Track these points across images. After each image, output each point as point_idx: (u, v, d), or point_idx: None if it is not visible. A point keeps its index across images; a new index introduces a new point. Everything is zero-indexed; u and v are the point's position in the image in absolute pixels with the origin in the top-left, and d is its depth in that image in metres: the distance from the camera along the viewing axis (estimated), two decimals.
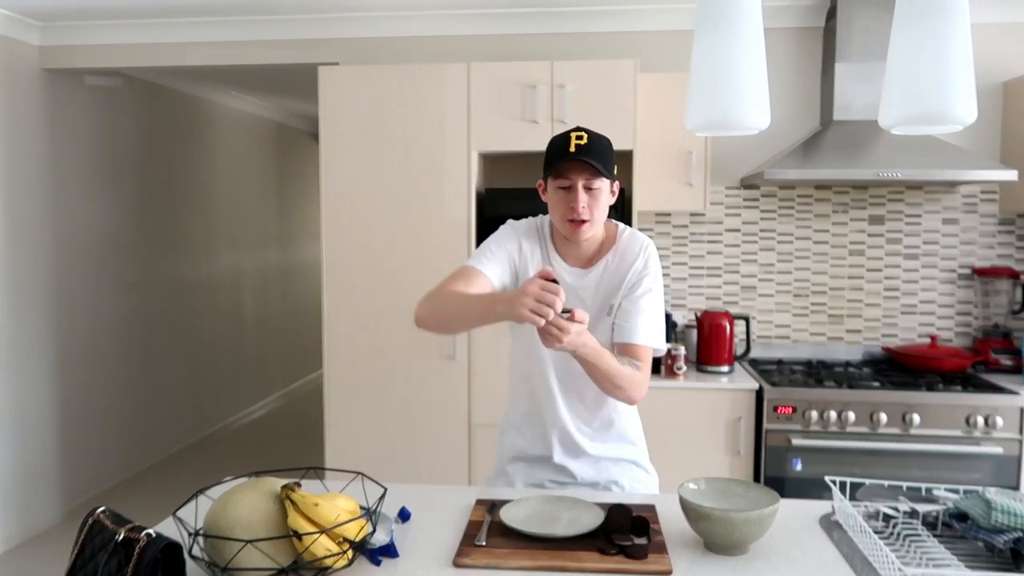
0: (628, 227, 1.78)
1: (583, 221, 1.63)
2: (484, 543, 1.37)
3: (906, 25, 1.20)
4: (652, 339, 1.68)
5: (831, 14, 3.24)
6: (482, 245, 1.74)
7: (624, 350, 1.66)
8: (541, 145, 3.04)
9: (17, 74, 3.63)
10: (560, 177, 1.62)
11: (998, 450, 2.77)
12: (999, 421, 2.77)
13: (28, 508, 3.76)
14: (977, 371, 3.16)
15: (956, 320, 3.40)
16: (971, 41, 1.20)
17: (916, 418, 2.81)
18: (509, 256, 1.72)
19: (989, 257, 3.36)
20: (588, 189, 1.62)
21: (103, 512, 1.16)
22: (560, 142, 1.63)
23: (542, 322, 1.38)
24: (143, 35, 3.63)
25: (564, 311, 1.41)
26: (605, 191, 1.65)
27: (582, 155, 1.59)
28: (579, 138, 1.61)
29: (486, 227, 3.13)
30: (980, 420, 2.78)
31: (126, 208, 4.49)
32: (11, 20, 3.51)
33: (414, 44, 3.53)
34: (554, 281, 1.41)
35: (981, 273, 3.32)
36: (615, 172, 1.69)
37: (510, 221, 1.80)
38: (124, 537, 1.09)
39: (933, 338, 3.21)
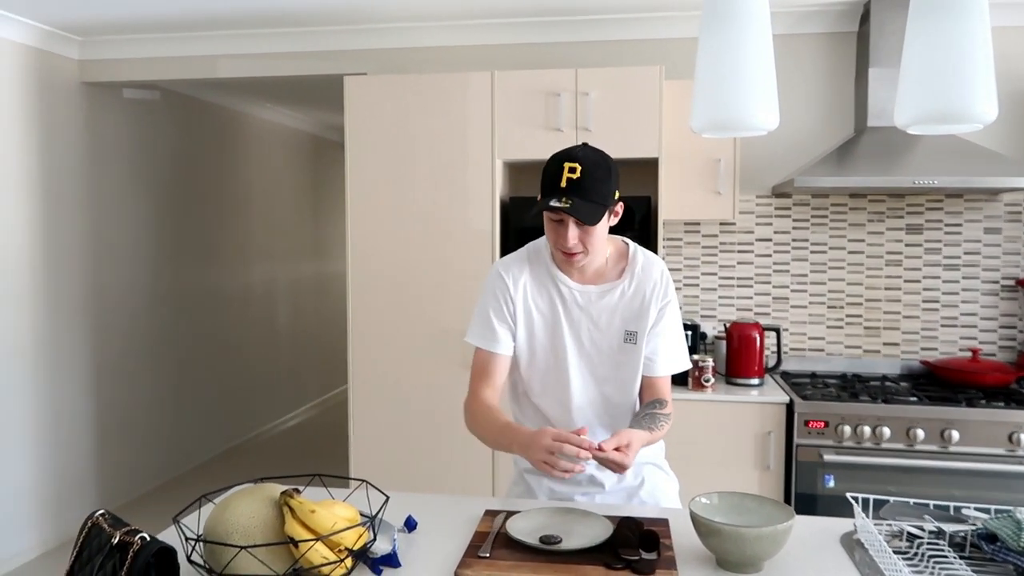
0: (639, 247, 1.72)
1: (575, 253, 1.57)
2: (488, 554, 1.34)
3: (922, 19, 1.14)
4: (679, 365, 1.71)
5: (864, 19, 3.16)
6: (478, 312, 1.70)
7: (653, 383, 1.68)
8: None
9: (57, 88, 3.74)
10: (550, 210, 1.53)
11: None
12: None
13: (65, 512, 3.83)
14: (1021, 386, 3.03)
15: (999, 333, 3.27)
16: (991, 36, 1.14)
17: (955, 435, 2.70)
18: (509, 313, 1.67)
19: None
20: (579, 224, 1.53)
21: (102, 515, 1.16)
22: (553, 171, 1.53)
23: (557, 475, 1.40)
24: (178, 48, 3.71)
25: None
26: (600, 223, 1.56)
27: (572, 194, 1.50)
28: (572, 171, 1.50)
29: (510, 237, 3.11)
30: None
31: (162, 219, 4.59)
32: (52, 35, 3.62)
33: (439, 54, 3.54)
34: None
35: None
36: (615, 196, 1.58)
37: (498, 264, 1.72)
38: (119, 540, 1.08)
39: (975, 352, 3.09)
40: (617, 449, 1.44)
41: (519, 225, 3.11)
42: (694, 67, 1.33)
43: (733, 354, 3.12)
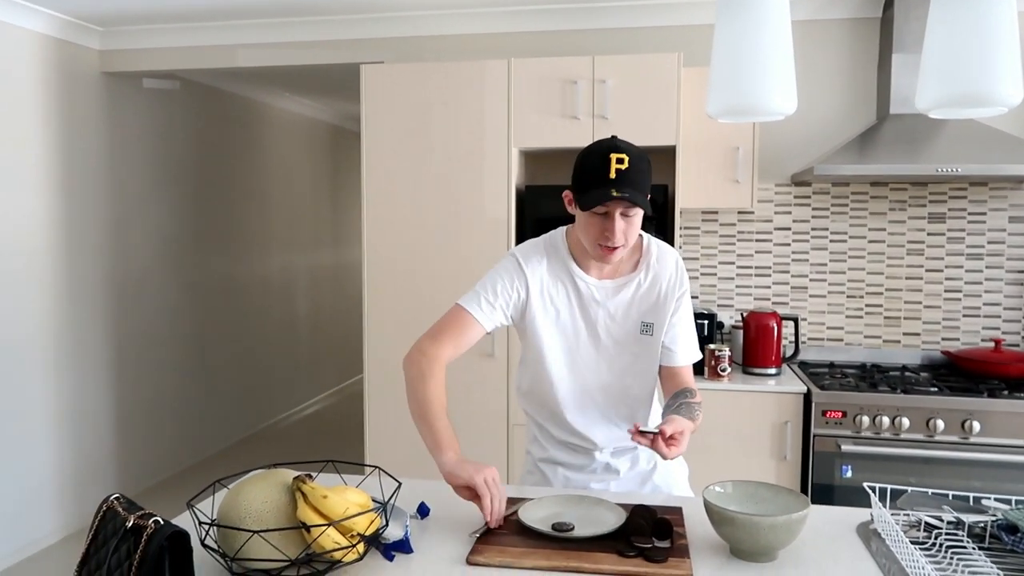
0: (652, 237, 1.70)
1: (616, 247, 1.53)
2: (498, 542, 1.33)
3: (946, 1, 1.11)
4: (696, 355, 1.72)
5: (888, 4, 3.11)
6: (485, 279, 1.64)
7: (672, 373, 1.68)
8: (582, 141, 3.03)
9: (78, 78, 3.77)
10: (609, 201, 1.48)
11: None
12: None
13: (85, 498, 3.89)
14: None
15: (1023, 324, 3.22)
16: (1016, 19, 1.11)
17: (976, 426, 2.66)
18: (509, 300, 1.62)
19: None
20: (625, 215, 1.50)
21: (117, 499, 1.17)
22: (598, 163, 1.47)
23: (478, 507, 1.38)
24: (197, 38, 3.72)
25: (651, 432, 1.43)
26: (641, 213, 1.53)
27: (623, 187, 1.45)
28: (619, 161, 1.45)
29: (526, 226, 3.10)
30: None
31: (183, 208, 4.62)
32: (72, 25, 3.65)
33: (456, 42, 3.53)
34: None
35: None
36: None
37: (516, 251, 1.67)
38: (133, 524, 1.09)
39: (997, 342, 3.04)
40: (672, 437, 1.43)
41: (535, 214, 3.10)
42: (711, 51, 1.30)
43: (750, 343, 3.09)
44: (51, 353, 3.65)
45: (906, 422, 2.70)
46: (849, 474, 2.76)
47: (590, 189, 1.48)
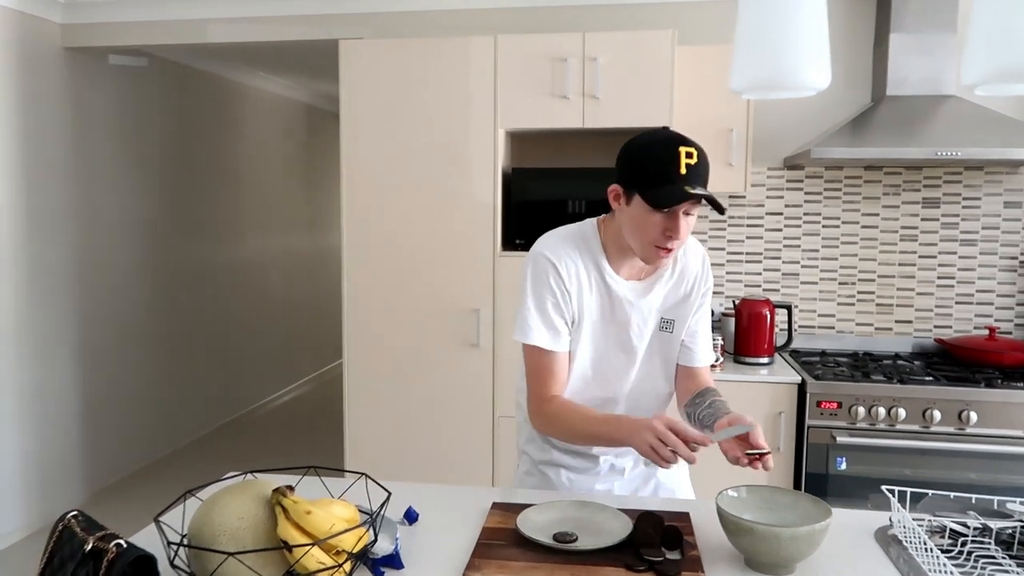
0: None
1: (673, 249, 1.41)
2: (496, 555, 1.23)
3: None
4: (712, 355, 1.66)
5: None
6: (534, 306, 1.49)
7: (692, 373, 1.61)
8: (571, 122, 2.91)
9: (39, 53, 3.57)
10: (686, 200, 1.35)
11: None
12: None
13: (51, 493, 3.73)
14: None
15: (1016, 311, 3.17)
16: None
17: (973, 416, 2.61)
18: (566, 304, 1.49)
19: None
20: (688, 213, 1.38)
21: (75, 517, 1.05)
22: (665, 157, 1.34)
23: (664, 464, 1.31)
24: (165, 11, 3.53)
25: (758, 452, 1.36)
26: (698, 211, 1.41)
27: (696, 183, 1.33)
28: (689, 156, 1.33)
29: (513, 210, 2.99)
30: None
31: (152, 191, 4.44)
32: None
33: (439, 18, 3.38)
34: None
35: None
36: None
37: (549, 253, 1.49)
38: (93, 547, 0.97)
39: (991, 330, 2.99)
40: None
41: (522, 197, 2.98)
42: (736, 22, 1.18)
43: (742, 332, 3.01)
44: (11, 341, 3.47)
45: (902, 413, 2.64)
46: (843, 466, 2.70)
47: (660, 186, 1.34)
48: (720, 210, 1.35)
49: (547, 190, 2.94)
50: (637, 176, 1.38)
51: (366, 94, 2.98)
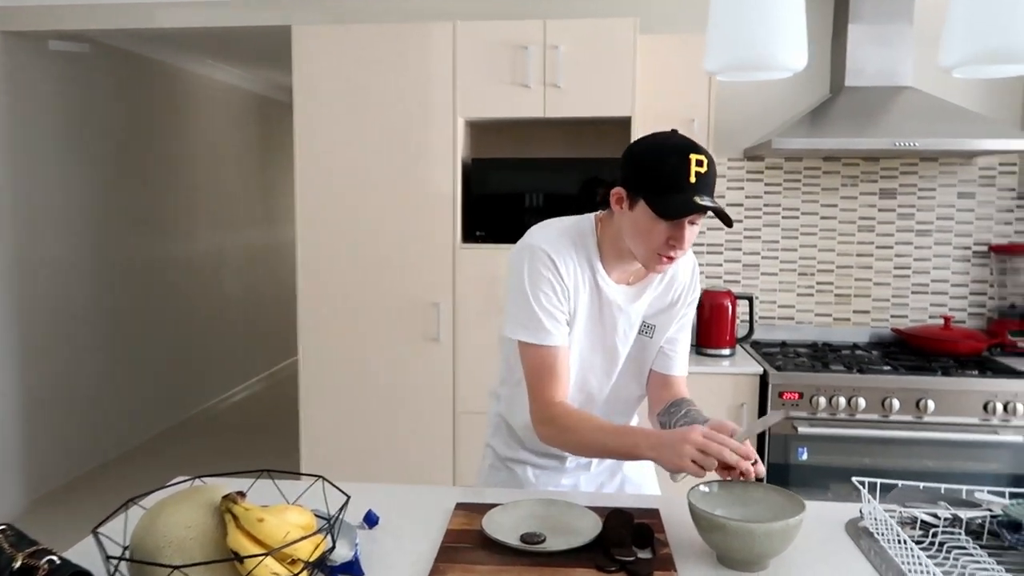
0: None
1: (675, 258, 1.37)
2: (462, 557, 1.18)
3: None
4: (687, 367, 1.61)
5: None
6: (530, 300, 1.41)
7: (668, 382, 1.56)
8: (532, 111, 2.86)
9: None
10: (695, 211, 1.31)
11: (1018, 438, 2.60)
12: (1020, 408, 2.60)
13: None
14: (993, 354, 2.98)
15: (970, 300, 3.23)
16: None
17: (931, 404, 2.63)
18: (564, 298, 1.43)
19: (1006, 233, 3.18)
20: (692, 222, 1.34)
21: (3, 532, 0.96)
22: (675, 163, 1.29)
23: (703, 474, 1.23)
24: None
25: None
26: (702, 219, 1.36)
27: (705, 193, 1.29)
28: (699, 164, 1.28)
29: (472, 201, 2.93)
30: (999, 407, 2.61)
31: (97, 183, 4.26)
32: None
33: (397, 3, 3.29)
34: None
35: (997, 250, 3.14)
36: None
37: (539, 243, 1.43)
38: (22, 565, 0.89)
39: (946, 319, 3.03)
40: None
41: (482, 188, 2.92)
42: (708, 5, 1.14)
43: (704, 324, 3.00)
44: None
45: (862, 402, 2.66)
46: (804, 456, 2.70)
47: (668, 194, 1.29)
48: (728, 223, 1.30)
49: (508, 182, 2.88)
50: (644, 182, 1.32)
51: (320, 82, 2.89)
